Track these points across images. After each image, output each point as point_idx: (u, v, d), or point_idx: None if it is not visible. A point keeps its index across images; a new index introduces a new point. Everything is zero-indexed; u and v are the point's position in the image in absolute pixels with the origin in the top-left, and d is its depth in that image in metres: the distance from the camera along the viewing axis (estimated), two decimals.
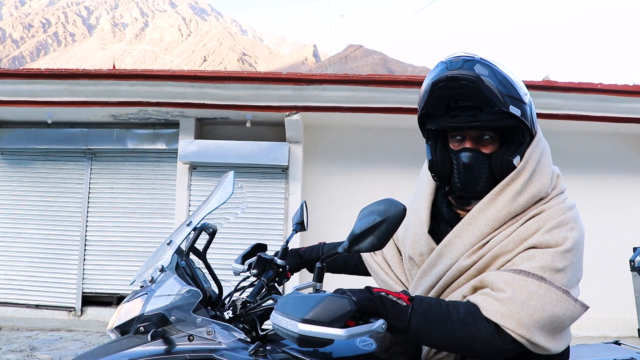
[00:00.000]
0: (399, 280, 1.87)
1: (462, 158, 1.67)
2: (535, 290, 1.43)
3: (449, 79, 1.58)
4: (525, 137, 1.66)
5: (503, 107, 1.56)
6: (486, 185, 1.67)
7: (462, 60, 1.59)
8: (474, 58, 1.59)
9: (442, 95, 1.62)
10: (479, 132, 1.67)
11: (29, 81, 7.93)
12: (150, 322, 1.69)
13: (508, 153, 1.64)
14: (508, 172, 1.64)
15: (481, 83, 1.54)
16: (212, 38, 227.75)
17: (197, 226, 1.90)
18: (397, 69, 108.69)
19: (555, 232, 1.53)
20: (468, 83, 1.55)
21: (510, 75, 1.61)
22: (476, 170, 1.66)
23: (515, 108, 1.58)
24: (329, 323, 1.24)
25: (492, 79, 1.55)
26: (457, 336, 1.39)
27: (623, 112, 7.94)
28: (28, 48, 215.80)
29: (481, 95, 1.55)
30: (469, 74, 1.55)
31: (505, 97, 1.56)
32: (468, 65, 1.56)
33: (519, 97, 1.60)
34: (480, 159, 1.66)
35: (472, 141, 1.68)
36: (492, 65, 1.58)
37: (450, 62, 1.61)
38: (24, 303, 8.74)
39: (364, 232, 1.39)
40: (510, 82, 1.59)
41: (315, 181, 8.77)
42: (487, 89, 1.54)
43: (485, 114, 1.59)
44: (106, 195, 8.95)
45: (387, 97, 7.76)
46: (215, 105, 7.98)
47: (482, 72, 1.55)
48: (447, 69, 1.59)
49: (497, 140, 1.67)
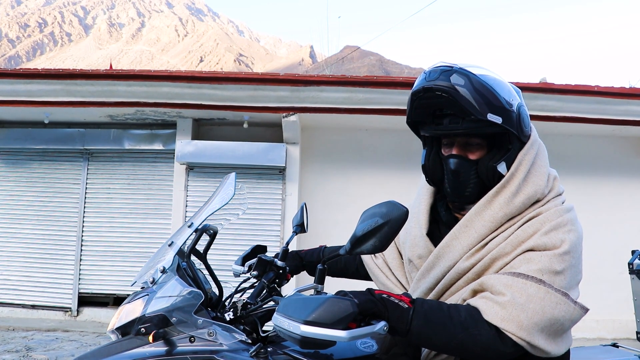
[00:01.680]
0: (399, 283, 1.88)
1: (449, 164, 1.70)
2: (534, 293, 1.43)
3: (425, 90, 1.62)
4: (513, 143, 1.67)
5: (480, 115, 1.57)
6: (474, 191, 1.69)
7: (439, 70, 1.62)
8: (452, 68, 1.62)
9: (422, 105, 1.68)
10: (466, 138, 1.69)
11: (26, 81, 7.92)
12: (151, 324, 1.69)
13: (493, 160, 1.66)
14: (494, 178, 1.66)
15: (456, 93, 1.57)
16: (209, 38, 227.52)
17: (199, 227, 1.91)
18: (393, 71, 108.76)
19: (552, 234, 1.54)
20: (442, 93, 1.59)
21: (492, 83, 1.62)
22: (463, 176, 1.68)
23: (495, 116, 1.59)
24: (331, 325, 1.24)
25: (468, 87, 1.57)
26: (458, 339, 1.40)
27: (620, 115, 7.96)
28: (24, 48, 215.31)
29: (457, 105, 1.58)
30: (443, 85, 1.58)
31: (482, 105, 1.57)
32: (444, 76, 1.59)
33: (500, 105, 1.60)
34: (466, 165, 1.68)
35: (460, 147, 1.70)
36: (470, 74, 1.60)
37: (429, 72, 1.65)
38: (19, 303, 8.73)
39: (366, 234, 1.39)
40: (490, 90, 1.60)
41: (312, 182, 8.77)
42: (462, 98, 1.56)
43: (467, 121, 1.61)
44: (103, 195, 8.93)
45: (384, 98, 7.77)
46: (212, 106, 7.98)
47: (458, 82, 1.57)
48: (425, 79, 1.64)
49: (484, 146, 1.69)
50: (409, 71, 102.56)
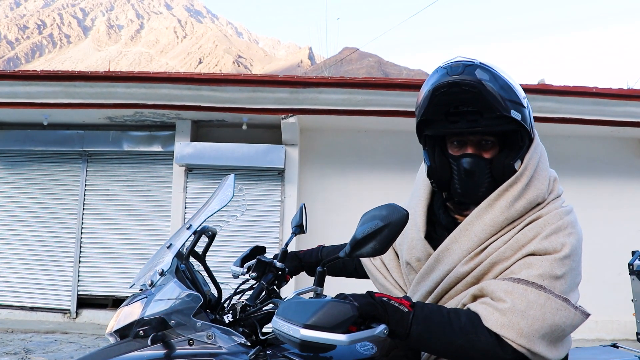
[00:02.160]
0: (397, 284, 1.86)
1: (463, 164, 1.64)
2: (534, 299, 1.42)
3: (450, 85, 1.55)
4: (524, 141, 1.64)
5: (505, 111, 1.54)
6: (487, 190, 1.64)
7: (462, 65, 1.56)
8: (474, 63, 1.57)
9: (442, 102, 1.60)
10: (479, 137, 1.65)
11: (25, 83, 7.91)
12: (150, 326, 1.68)
13: (509, 157, 1.63)
14: (509, 177, 1.62)
15: (483, 88, 1.52)
16: (208, 40, 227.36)
17: (197, 229, 1.90)
18: (392, 72, 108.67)
19: (553, 238, 1.52)
20: (470, 88, 1.53)
21: (509, 80, 1.59)
22: (478, 175, 1.64)
23: (516, 112, 1.56)
24: (331, 328, 1.23)
25: (494, 83, 1.53)
26: (458, 344, 1.39)
27: (618, 116, 7.97)
28: (23, 49, 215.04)
29: (483, 101, 1.53)
30: (470, 79, 1.53)
31: (506, 101, 1.54)
32: (469, 70, 1.54)
33: (519, 102, 1.58)
34: (481, 164, 1.64)
35: (473, 146, 1.66)
36: (492, 70, 1.57)
37: (450, 67, 1.58)
38: (18, 305, 8.72)
39: (366, 237, 1.38)
40: (510, 87, 1.57)
41: (311, 184, 8.77)
42: (490, 94, 1.52)
43: (486, 119, 1.57)
44: (102, 197, 8.93)
45: (383, 100, 7.77)
46: (211, 108, 7.98)
47: (484, 77, 1.53)
48: (447, 74, 1.57)
49: (497, 144, 1.66)
50: (408, 73, 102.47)
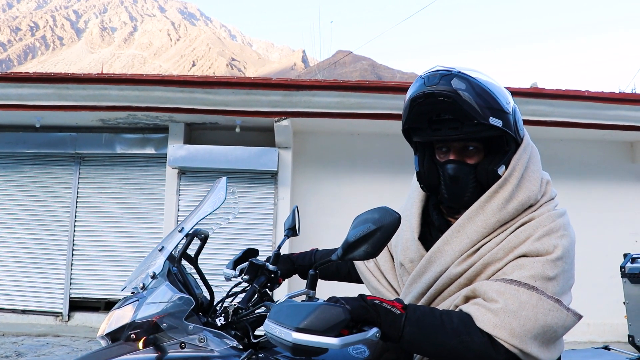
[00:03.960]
0: (391, 287, 1.86)
1: (447, 170, 1.67)
2: (526, 300, 1.42)
3: (426, 95, 1.59)
4: (510, 146, 1.66)
5: (482, 119, 1.56)
6: (473, 196, 1.66)
7: (439, 75, 1.59)
8: (451, 72, 1.59)
9: (421, 111, 1.64)
10: (463, 143, 1.67)
11: (17, 85, 7.88)
12: (141, 329, 1.67)
13: (493, 163, 1.65)
14: (494, 182, 1.63)
15: (458, 98, 1.54)
16: (201, 43, 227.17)
17: (189, 232, 1.89)
18: (385, 75, 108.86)
19: (545, 239, 1.53)
20: (445, 98, 1.56)
21: (490, 86, 1.61)
22: (462, 181, 1.66)
23: (496, 119, 1.57)
24: (323, 332, 1.23)
25: (470, 92, 1.55)
26: (451, 346, 1.39)
27: (610, 119, 8.01)
28: (15, 51, 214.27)
29: (459, 110, 1.56)
30: (445, 90, 1.55)
31: (484, 109, 1.56)
32: (445, 80, 1.57)
33: (499, 108, 1.59)
34: (465, 170, 1.66)
35: (457, 153, 1.68)
36: (470, 78, 1.58)
37: (427, 77, 1.61)
38: (10, 308, 8.66)
39: (358, 240, 1.38)
40: (489, 93, 1.59)
41: (304, 187, 8.76)
42: (465, 102, 1.54)
43: (467, 125, 1.59)
44: (94, 199, 8.90)
45: (376, 103, 7.78)
46: (204, 111, 7.97)
47: (459, 87, 1.55)
48: (424, 84, 1.60)
49: (482, 150, 1.68)
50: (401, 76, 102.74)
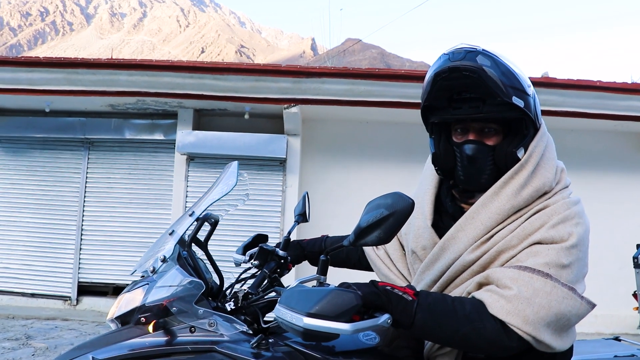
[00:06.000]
0: (401, 274, 1.85)
1: (465, 150, 1.65)
2: (540, 287, 1.41)
3: (451, 70, 1.57)
4: (529, 129, 1.64)
5: (506, 97, 1.54)
6: (490, 178, 1.65)
7: (464, 51, 1.58)
8: (476, 49, 1.58)
9: (444, 87, 1.61)
10: (482, 124, 1.65)
11: (28, 69, 7.90)
12: (151, 313, 1.66)
13: (512, 145, 1.63)
14: (512, 165, 1.62)
15: (483, 74, 1.53)
16: (210, 29, 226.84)
17: (200, 216, 1.88)
18: (394, 64, 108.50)
19: (560, 227, 1.51)
20: (470, 74, 1.54)
21: (513, 67, 1.59)
22: (480, 162, 1.64)
23: (519, 99, 1.56)
24: (335, 317, 1.22)
25: (495, 69, 1.54)
26: (463, 332, 1.38)
27: (621, 110, 7.95)
28: (26, 36, 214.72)
29: (484, 86, 1.54)
30: (471, 65, 1.54)
31: (508, 88, 1.54)
32: (470, 56, 1.55)
33: (522, 89, 1.58)
34: (484, 151, 1.64)
35: (476, 133, 1.66)
36: (494, 57, 1.57)
37: (452, 53, 1.60)
38: (19, 292, 8.74)
39: (370, 226, 1.36)
40: (513, 74, 1.57)
41: (312, 174, 8.76)
42: (490, 79, 1.53)
43: (488, 105, 1.58)
44: (103, 185, 8.93)
45: (385, 91, 7.75)
46: (213, 97, 7.97)
47: (485, 63, 1.54)
48: (449, 60, 1.58)
49: (500, 132, 1.65)
50: (410, 65, 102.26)
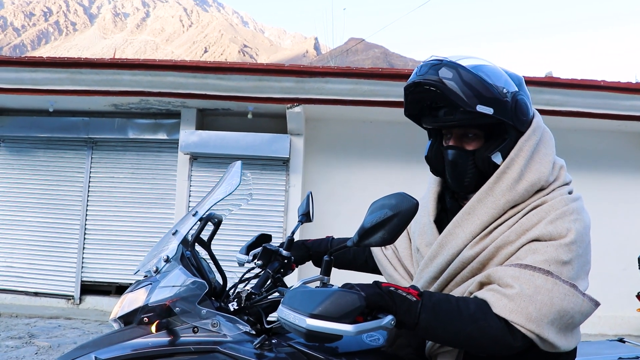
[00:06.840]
0: (407, 274, 1.87)
1: (447, 155, 1.73)
2: (542, 284, 1.42)
3: (415, 85, 1.67)
4: (509, 133, 1.67)
5: (468, 107, 1.58)
6: (473, 181, 1.70)
7: (429, 65, 1.66)
8: (441, 62, 1.65)
9: (414, 99, 1.74)
10: (464, 129, 1.70)
11: (31, 69, 7.90)
12: (154, 313, 1.66)
13: (488, 150, 1.67)
14: (490, 169, 1.66)
15: (443, 87, 1.59)
16: (213, 29, 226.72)
17: (203, 216, 1.88)
18: (398, 63, 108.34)
19: (558, 223, 1.52)
20: (431, 87, 1.62)
21: (484, 74, 1.63)
22: (460, 166, 1.70)
23: (486, 107, 1.59)
24: (338, 318, 1.22)
25: (456, 80, 1.59)
26: (467, 332, 1.38)
27: (626, 110, 7.91)
28: (29, 36, 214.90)
29: (445, 98, 1.61)
30: (431, 79, 1.61)
31: (471, 97, 1.58)
32: (433, 70, 1.62)
33: (491, 96, 1.60)
34: (463, 156, 1.70)
35: (457, 139, 1.73)
36: (459, 67, 1.61)
37: (419, 67, 1.69)
38: (23, 290, 8.76)
39: (374, 226, 1.36)
40: (480, 82, 1.60)
41: (315, 174, 8.75)
42: (450, 91, 1.58)
43: (460, 112, 1.63)
44: (106, 184, 8.94)
45: (389, 90, 7.73)
46: (217, 96, 7.96)
47: (445, 76, 1.59)
48: (416, 74, 1.68)
49: (482, 137, 1.70)
50: (413, 64, 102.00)
